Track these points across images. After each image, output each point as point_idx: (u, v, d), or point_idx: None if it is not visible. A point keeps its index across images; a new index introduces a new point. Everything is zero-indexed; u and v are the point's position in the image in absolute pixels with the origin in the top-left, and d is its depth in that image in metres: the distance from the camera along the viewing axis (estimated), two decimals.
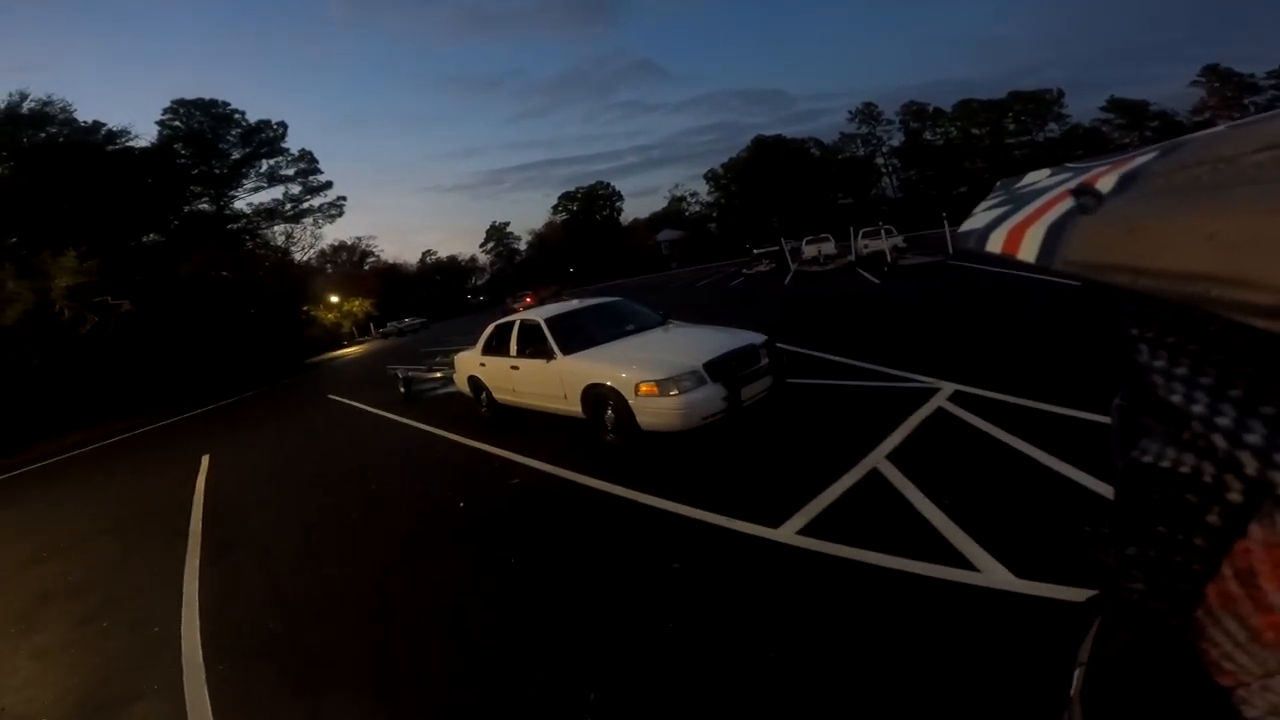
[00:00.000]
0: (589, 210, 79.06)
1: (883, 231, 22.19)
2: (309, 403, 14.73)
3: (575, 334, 6.47)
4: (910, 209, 49.70)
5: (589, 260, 69.07)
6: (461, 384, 8.57)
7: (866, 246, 23.11)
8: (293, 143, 47.75)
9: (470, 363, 8.08)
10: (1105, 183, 0.30)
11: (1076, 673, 0.43)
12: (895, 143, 67.66)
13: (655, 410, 5.07)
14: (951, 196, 57.63)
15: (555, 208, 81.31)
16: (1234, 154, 0.24)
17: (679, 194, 79.61)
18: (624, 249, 70.75)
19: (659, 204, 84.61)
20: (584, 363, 5.89)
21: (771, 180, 64.64)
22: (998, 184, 0.44)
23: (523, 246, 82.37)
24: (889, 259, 19.20)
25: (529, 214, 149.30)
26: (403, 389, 11.45)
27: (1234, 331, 0.23)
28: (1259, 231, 0.20)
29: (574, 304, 7.36)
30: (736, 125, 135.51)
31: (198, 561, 5.18)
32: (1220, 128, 0.29)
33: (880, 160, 69.22)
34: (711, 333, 6.36)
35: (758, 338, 5.88)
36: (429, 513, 5.14)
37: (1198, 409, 0.25)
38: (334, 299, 51.44)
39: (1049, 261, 0.29)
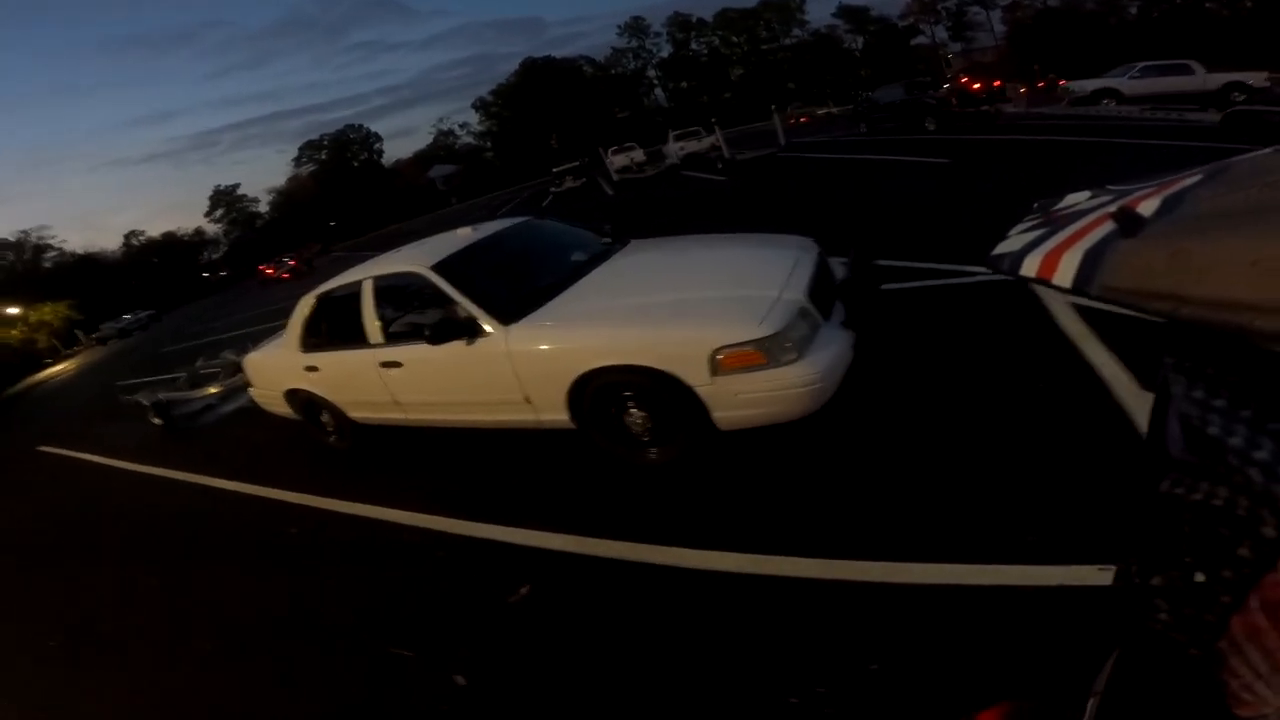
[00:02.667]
0: (342, 158, 70.12)
1: (716, 129, 21.71)
2: (7, 464, 9.06)
3: (506, 285, 3.68)
4: (683, 117, 50.80)
5: (352, 210, 60.55)
6: (272, 404, 5.14)
7: (683, 149, 22.55)
8: None
9: (285, 368, 4.72)
10: (1148, 206, 0.27)
11: (1090, 703, 0.39)
12: (665, 54, 68.23)
13: (755, 394, 2.70)
14: (721, 102, 60.07)
15: (298, 160, 71.45)
16: None
17: (445, 128, 74.15)
18: (392, 191, 64.24)
19: (423, 142, 76.88)
20: (560, 332, 3.22)
21: (546, 102, 62.95)
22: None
23: (264, 208, 70.59)
24: (726, 155, 18.68)
25: (263, 173, 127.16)
26: (158, 420, 7.27)
27: (1277, 363, 0.22)
28: None
29: (465, 233, 4.40)
30: (493, 56, 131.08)
31: None
32: (1266, 151, 0.26)
33: (651, 73, 69.56)
34: (732, 246, 4.03)
35: (807, 242, 3.72)
36: None
37: (1235, 442, 0.24)
38: (11, 310, 40.18)
39: (1086, 287, 0.27)
